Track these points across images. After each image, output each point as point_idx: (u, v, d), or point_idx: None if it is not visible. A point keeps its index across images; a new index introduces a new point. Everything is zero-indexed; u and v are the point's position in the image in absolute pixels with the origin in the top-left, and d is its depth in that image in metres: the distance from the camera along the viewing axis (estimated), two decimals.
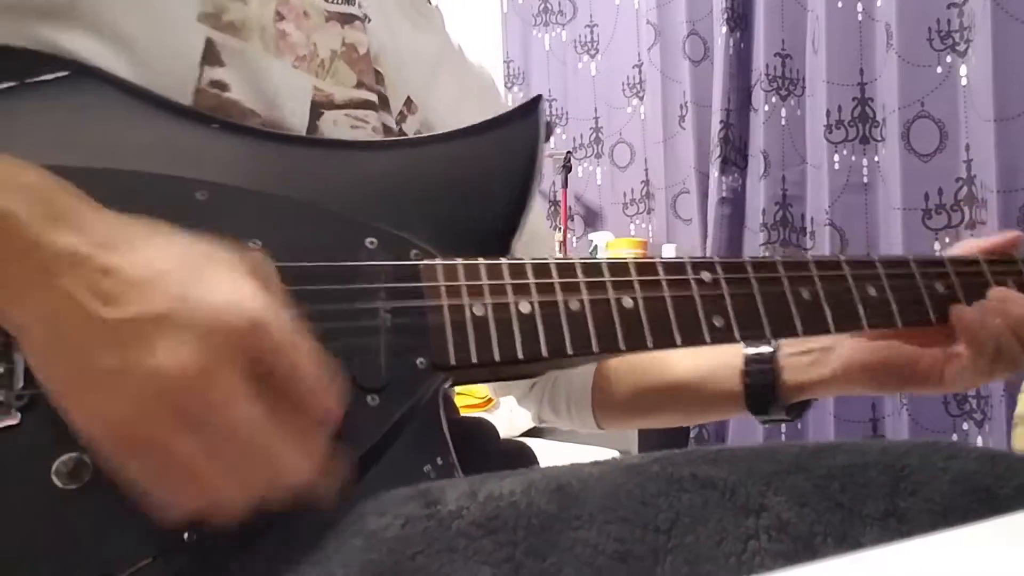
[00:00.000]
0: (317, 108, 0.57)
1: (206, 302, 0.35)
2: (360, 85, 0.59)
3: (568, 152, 2.50)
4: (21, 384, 0.39)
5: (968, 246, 0.65)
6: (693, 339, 0.50)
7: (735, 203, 2.19)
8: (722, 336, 0.51)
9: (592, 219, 2.65)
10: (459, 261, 0.48)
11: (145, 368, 0.34)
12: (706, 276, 0.52)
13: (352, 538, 0.35)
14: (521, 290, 0.48)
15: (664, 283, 0.51)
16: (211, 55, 0.52)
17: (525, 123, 0.54)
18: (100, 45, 0.50)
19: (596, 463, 0.38)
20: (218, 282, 0.36)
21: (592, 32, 2.61)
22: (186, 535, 0.38)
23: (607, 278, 0.50)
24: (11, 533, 0.37)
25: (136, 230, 0.37)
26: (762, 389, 0.69)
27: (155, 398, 0.34)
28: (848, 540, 0.32)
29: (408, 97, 0.66)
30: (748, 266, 0.54)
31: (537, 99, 0.55)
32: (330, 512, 0.38)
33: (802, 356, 0.68)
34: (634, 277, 0.50)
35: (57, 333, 0.35)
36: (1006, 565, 0.23)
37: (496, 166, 0.54)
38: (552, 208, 2.61)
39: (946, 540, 0.25)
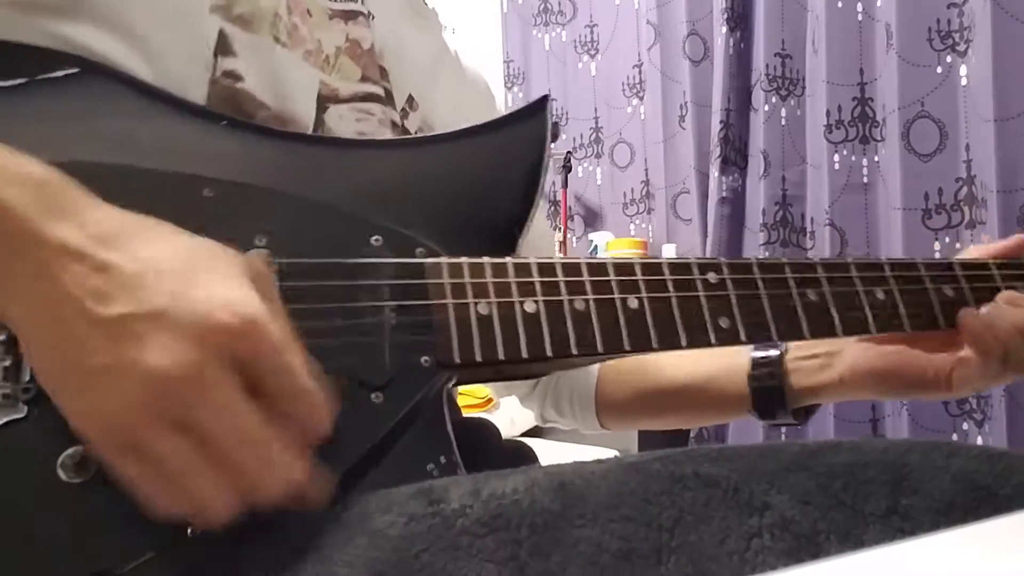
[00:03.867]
0: (323, 102, 0.57)
1: (200, 301, 0.35)
2: (365, 79, 0.60)
3: (568, 152, 2.50)
4: (28, 378, 0.39)
5: (976, 251, 0.64)
6: (698, 340, 0.50)
7: (735, 203, 2.19)
8: (728, 338, 0.51)
9: (592, 219, 2.65)
10: (464, 260, 0.48)
11: (136, 366, 0.34)
12: (712, 277, 0.52)
13: (356, 536, 0.35)
14: (526, 289, 0.48)
15: (670, 284, 0.51)
16: (224, 46, 0.53)
17: (532, 123, 0.55)
18: (113, 40, 0.50)
19: (598, 461, 0.38)
20: (213, 282, 0.36)
21: (592, 32, 2.61)
22: (189, 530, 0.38)
23: (612, 278, 0.50)
24: (16, 525, 0.37)
25: (136, 227, 0.37)
26: (769, 392, 0.68)
27: (145, 396, 0.34)
28: (851, 538, 0.32)
29: (410, 95, 0.66)
30: (755, 267, 0.53)
31: (544, 99, 0.55)
32: (332, 509, 0.38)
33: (809, 360, 0.67)
34: (640, 277, 0.50)
35: (52, 330, 0.35)
36: (1012, 566, 0.23)
37: (503, 166, 0.54)
38: (552, 208, 2.61)
39: (950, 540, 0.25)
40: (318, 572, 0.35)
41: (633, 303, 0.49)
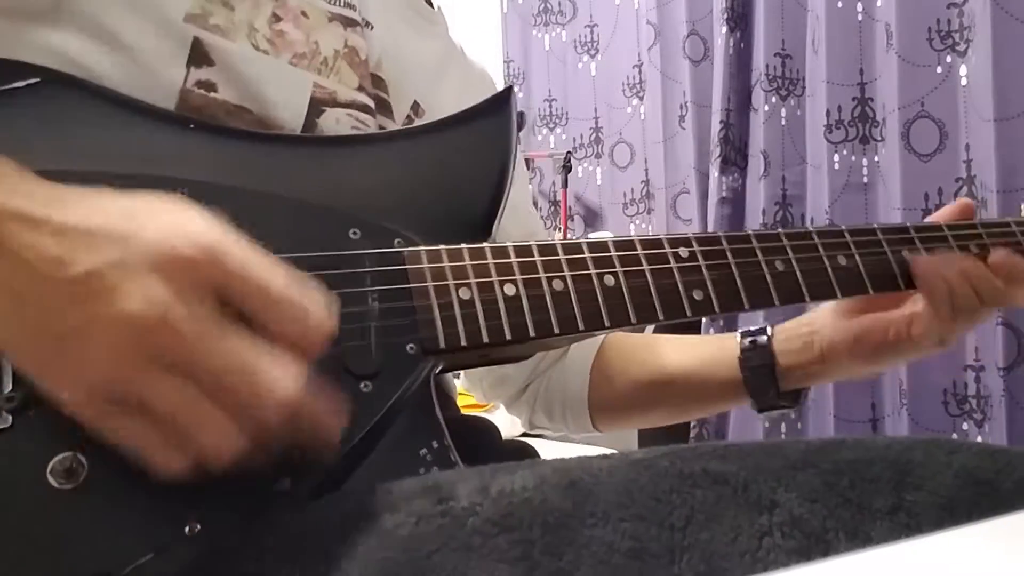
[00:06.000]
0: (318, 105, 0.57)
1: (157, 241, 0.36)
2: (360, 89, 0.60)
3: (568, 152, 2.50)
4: (10, 387, 0.39)
5: (933, 218, 0.68)
6: (675, 313, 0.52)
7: (735, 203, 2.19)
8: (702, 309, 0.53)
9: (592, 219, 2.65)
10: (442, 247, 0.49)
11: (109, 318, 0.34)
12: (683, 251, 0.54)
13: (366, 537, 0.35)
14: (505, 272, 0.49)
15: (643, 259, 0.52)
16: (198, 55, 0.53)
17: (498, 113, 0.57)
18: (91, 44, 0.50)
19: (604, 457, 0.38)
20: (162, 220, 0.37)
21: (592, 32, 2.61)
22: (187, 528, 0.38)
23: (587, 255, 0.51)
24: (9, 535, 0.37)
25: (80, 192, 0.38)
26: (761, 372, 0.70)
27: (125, 345, 0.34)
28: (859, 536, 0.33)
29: (415, 101, 0.66)
30: (723, 240, 0.56)
31: (508, 90, 0.58)
32: (335, 506, 0.38)
33: (792, 341, 0.70)
34: (614, 254, 0.52)
35: (17, 302, 0.35)
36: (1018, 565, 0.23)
37: (473, 156, 0.55)
38: (552, 208, 2.61)
39: (957, 537, 0.26)
40: (327, 573, 0.35)
41: (609, 280, 0.51)
